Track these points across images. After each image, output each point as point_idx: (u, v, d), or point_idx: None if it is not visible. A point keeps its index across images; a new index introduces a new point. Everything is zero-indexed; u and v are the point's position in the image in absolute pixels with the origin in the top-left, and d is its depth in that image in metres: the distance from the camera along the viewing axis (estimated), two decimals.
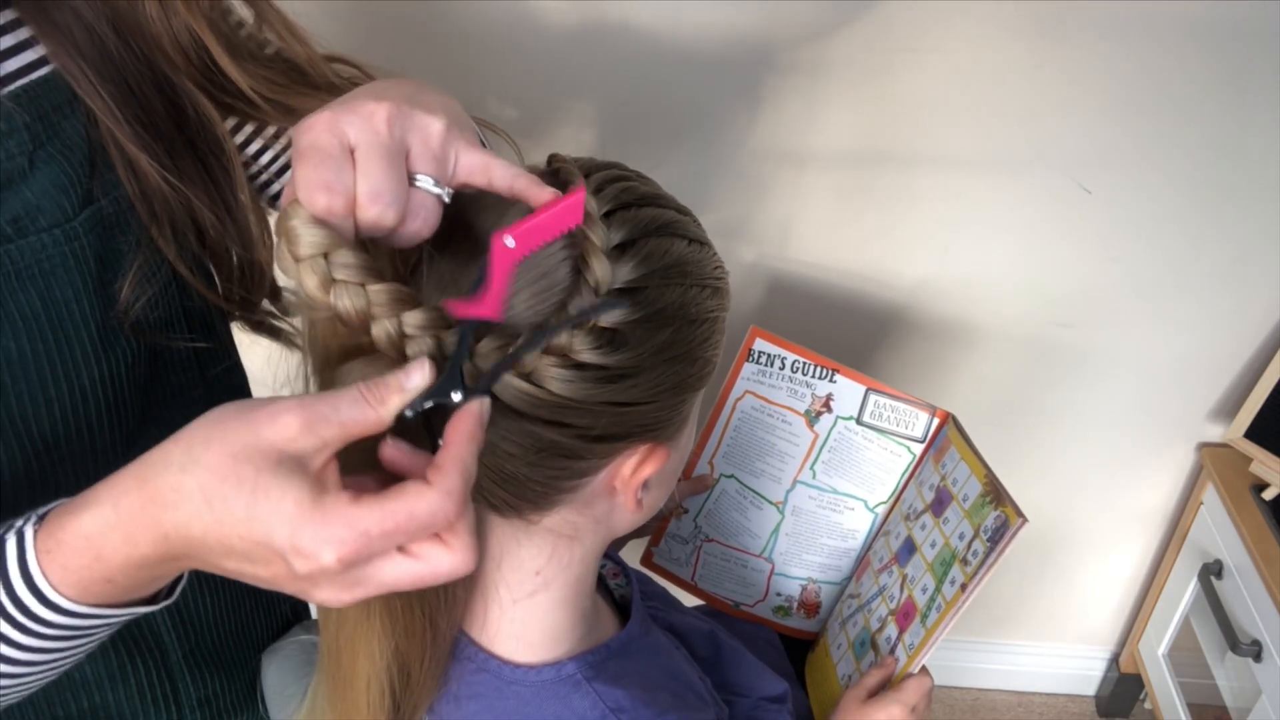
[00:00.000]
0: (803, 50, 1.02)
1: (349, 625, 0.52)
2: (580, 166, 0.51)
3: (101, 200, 0.56)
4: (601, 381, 0.47)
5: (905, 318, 1.23)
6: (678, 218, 0.51)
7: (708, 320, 0.51)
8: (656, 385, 0.49)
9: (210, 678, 0.71)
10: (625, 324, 0.47)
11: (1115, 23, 1.00)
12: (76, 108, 0.55)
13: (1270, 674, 1.15)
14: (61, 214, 0.54)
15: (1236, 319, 1.22)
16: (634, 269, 0.47)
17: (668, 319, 0.48)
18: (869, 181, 1.12)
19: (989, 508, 0.78)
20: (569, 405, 0.46)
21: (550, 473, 0.50)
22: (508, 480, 0.49)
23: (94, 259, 0.56)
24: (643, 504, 0.55)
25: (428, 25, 1.02)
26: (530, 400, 0.46)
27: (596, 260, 0.46)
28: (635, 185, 0.51)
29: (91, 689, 0.65)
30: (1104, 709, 1.61)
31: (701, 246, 0.52)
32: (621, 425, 0.49)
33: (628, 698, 0.56)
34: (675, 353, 0.49)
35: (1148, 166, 1.09)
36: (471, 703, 0.57)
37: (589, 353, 0.46)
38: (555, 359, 0.46)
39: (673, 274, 0.49)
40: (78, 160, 0.55)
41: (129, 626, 0.65)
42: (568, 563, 0.56)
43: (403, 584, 0.41)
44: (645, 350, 0.47)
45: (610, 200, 0.49)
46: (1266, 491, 1.22)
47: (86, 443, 0.58)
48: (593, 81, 1.05)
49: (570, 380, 0.46)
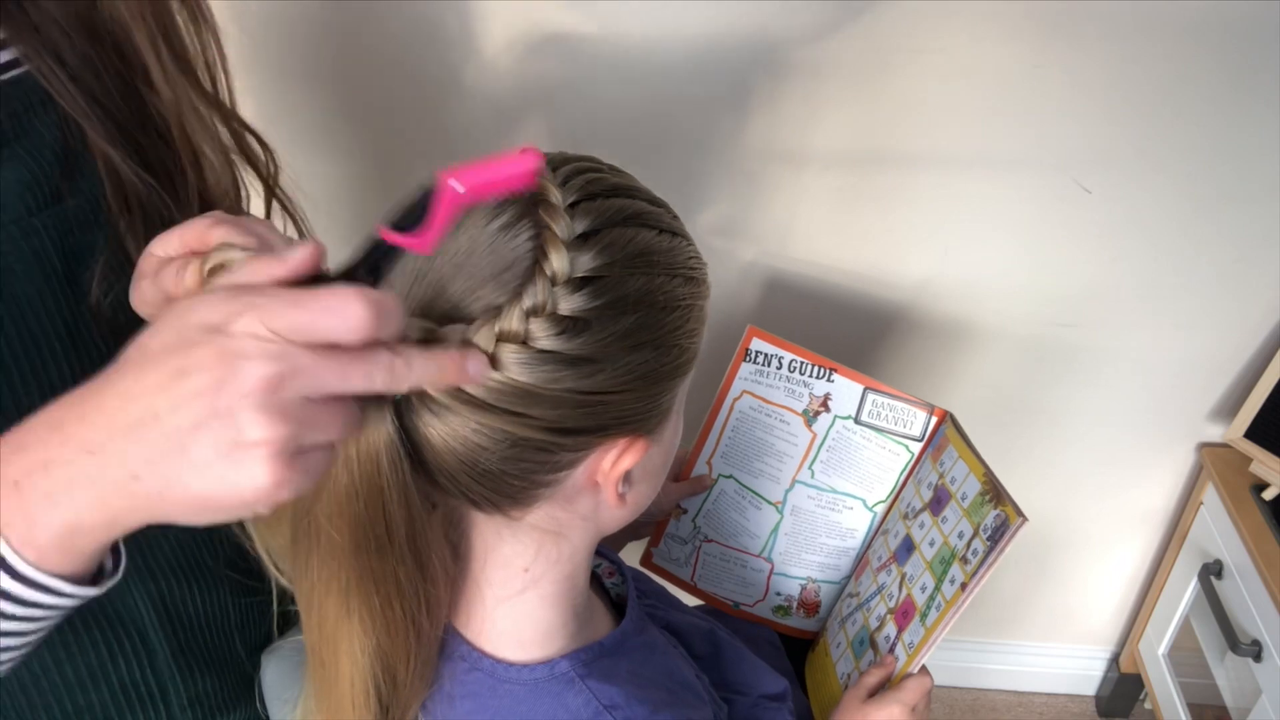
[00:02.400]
0: (802, 50, 1.02)
1: (329, 624, 0.51)
2: (552, 159, 0.51)
3: (70, 200, 0.56)
4: (562, 366, 0.46)
5: (905, 317, 1.23)
6: (647, 208, 0.51)
7: (680, 308, 0.50)
8: (626, 373, 0.49)
9: (200, 676, 0.70)
10: (586, 311, 0.47)
11: (1115, 22, 1.00)
12: (50, 108, 0.55)
13: (1270, 674, 1.15)
14: (25, 209, 0.54)
15: (1236, 319, 1.22)
16: (595, 257, 0.47)
17: (632, 305, 0.48)
18: (869, 181, 1.11)
19: (988, 506, 0.78)
20: (531, 393, 0.46)
21: (526, 467, 0.49)
22: (484, 476, 0.49)
23: (59, 257, 0.56)
24: (626, 499, 0.55)
25: (428, 25, 1.02)
26: (494, 390, 0.46)
27: (555, 251, 0.46)
28: (604, 177, 0.51)
29: (75, 690, 0.64)
30: (1104, 709, 1.61)
31: (673, 237, 0.51)
32: (593, 417, 0.49)
33: (621, 695, 0.56)
34: (642, 339, 0.49)
35: (1148, 166, 1.09)
36: (465, 702, 0.57)
37: (548, 339, 0.46)
38: (515, 346, 0.46)
39: (638, 262, 0.49)
40: (47, 159, 0.55)
41: (114, 626, 0.65)
42: (556, 559, 0.56)
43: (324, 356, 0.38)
44: (608, 336, 0.47)
45: (576, 191, 0.49)
46: (1266, 491, 1.22)
47: None
48: (593, 82, 1.05)
49: (529, 366, 0.46)
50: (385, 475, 0.47)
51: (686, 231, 0.53)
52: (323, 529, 0.48)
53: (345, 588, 0.50)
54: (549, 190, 0.48)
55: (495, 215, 0.47)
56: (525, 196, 0.48)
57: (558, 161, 0.51)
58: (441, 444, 0.48)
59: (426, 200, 0.41)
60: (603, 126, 1.08)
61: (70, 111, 0.55)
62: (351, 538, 0.48)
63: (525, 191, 0.47)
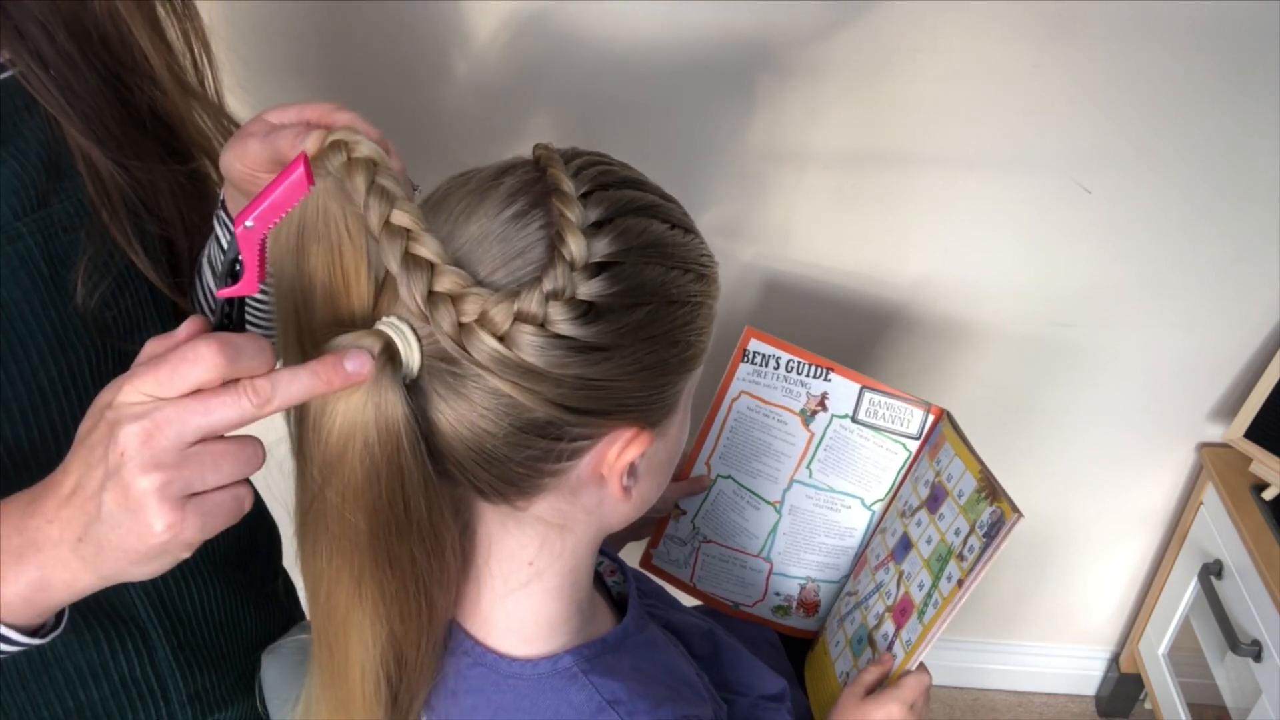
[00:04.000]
0: (802, 50, 1.02)
1: (340, 610, 0.52)
2: (564, 155, 0.51)
3: (55, 203, 0.56)
4: (574, 352, 0.47)
5: (905, 317, 1.23)
6: (659, 202, 0.51)
7: (690, 303, 0.51)
8: (634, 364, 0.49)
9: (199, 673, 0.71)
10: (602, 298, 0.47)
11: (1115, 22, 1.00)
12: (35, 111, 0.55)
13: (1270, 674, 1.15)
14: (10, 214, 0.54)
15: (1236, 319, 1.22)
16: (610, 244, 0.48)
17: (645, 296, 0.49)
18: (869, 181, 1.12)
19: (984, 503, 0.78)
20: (540, 373, 0.47)
21: (530, 453, 0.50)
22: (490, 462, 0.50)
23: (44, 260, 0.56)
24: (631, 493, 0.55)
25: (430, 24, 1.02)
26: (501, 361, 0.46)
27: (572, 235, 0.47)
28: (616, 170, 0.51)
29: (76, 687, 0.65)
30: (1104, 709, 1.61)
31: (685, 233, 0.52)
32: (598, 401, 0.49)
33: (624, 690, 0.56)
34: (653, 331, 0.49)
35: (1148, 166, 1.09)
36: (469, 697, 0.57)
37: (565, 323, 0.46)
38: (532, 327, 0.46)
39: (651, 253, 0.49)
40: (32, 163, 0.55)
41: (114, 624, 0.65)
42: (560, 553, 0.56)
43: (200, 414, 0.43)
44: (622, 326, 0.48)
45: (589, 181, 0.49)
46: (1266, 491, 1.22)
47: (52, 447, 0.58)
48: (593, 82, 1.05)
49: (543, 349, 0.46)
50: (406, 455, 0.47)
51: (697, 229, 0.54)
52: (336, 516, 0.48)
53: (358, 574, 0.50)
54: (561, 180, 0.48)
55: (507, 204, 0.48)
56: (537, 188, 0.49)
57: (570, 155, 0.51)
58: (449, 429, 0.49)
59: (235, 248, 0.47)
60: (603, 126, 1.09)
61: (50, 111, 0.55)
62: (369, 523, 0.48)
63: (554, 208, 0.48)
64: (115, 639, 0.66)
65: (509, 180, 0.49)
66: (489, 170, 0.51)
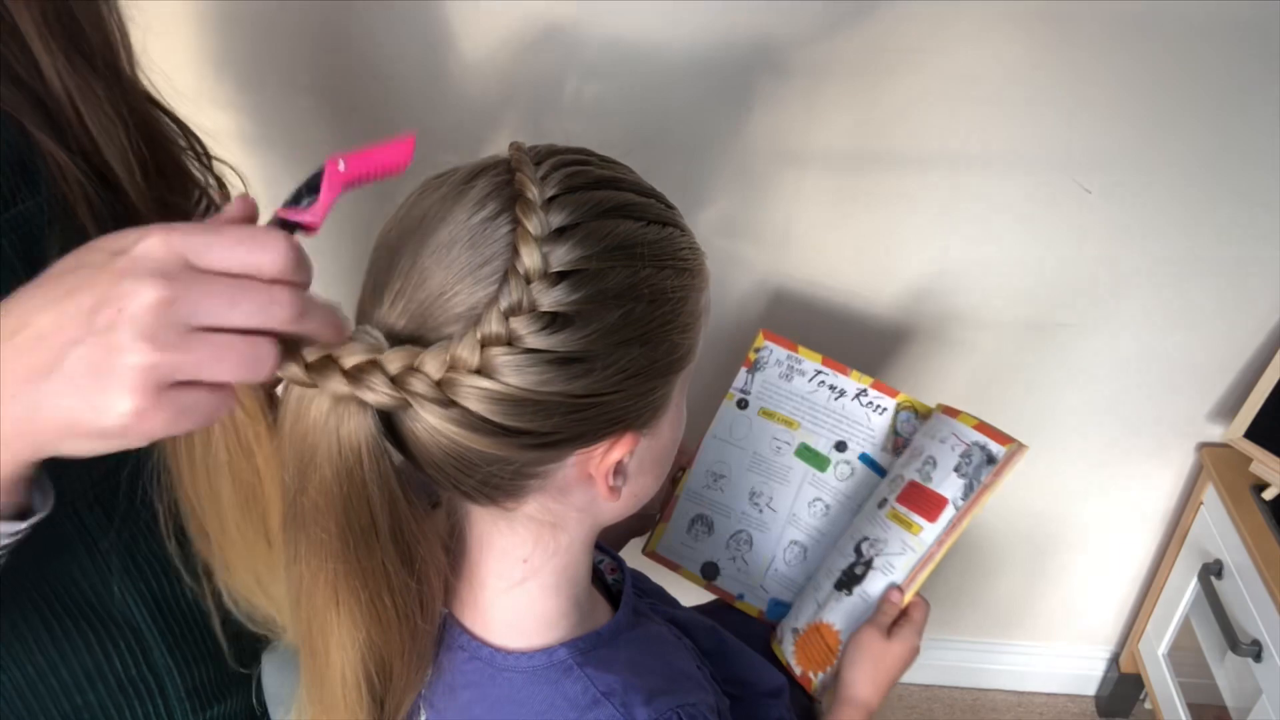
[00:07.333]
0: (803, 51, 1.03)
1: (319, 614, 0.51)
2: (539, 155, 0.50)
3: (26, 200, 0.55)
4: (552, 366, 0.46)
5: (904, 317, 1.23)
6: (633, 199, 0.50)
7: (669, 300, 0.50)
8: (617, 371, 0.48)
9: (195, 668, 0.71)
10: (568, 305, 0.46)
11: (1115, 22, 1.00)
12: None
13: (1270, 674, 1.15)
14: None
15: (1236, 319, 1.22)
16: (571, 249, 0.46)
17: (617, 299, 0.47)
18: (869, 181, 1.12)
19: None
20: (528, 399, 0.46)
21: (511, 464, 0.49)
22: (471, 469, 0.49)
23: (19, 260, 0.56)
24: (620, 492, 0.54)
25: (422, 23, 1.02)
26: (490, 397, 0.46)
27: (525, 247, 0.46)
28: (589, 170, 0.50)
29: (73, 691, 0.65)
30: (1104, 709, 1.61)
31: (663, 227, 0.50)
32: (585, 424, 0.49)
33: (619, 681, 0.56)
34: (631, 334, 0.48)
35: (1148, 166, 1.09)
36: (466, 692, 0.57)
37: (532, 336, 0.45)
38: (502, 348, 0.45)
39: (619, 255, 0.48)
40: (3, 164, 0.54)
41: (108, 625, 0.65)
42: (554, 550, 0.56)
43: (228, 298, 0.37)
44: (593, 332, 0.47)
45: (556, 185, 0.48)
46: (1266, 491, 1.22)
47: None
48: (592, 82, 1.05)
49: (519, 367, 0.46)
50: (366, 469, 0.47)
51: (681, 222, 0.53)
52: (312, 520, 0.48)
53: (333, 579, 0.50)
54: (527, 186, 0.47)
55: (478, 208, 0.47)
56: (506, 191, 0.48)
57: (544, 154, 0.50)
58: (427, 437, 0.48)
59: (317, 180, 0.43)
60: (603, 127, 1.09)
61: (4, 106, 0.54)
62: (338, 531, 0.48)
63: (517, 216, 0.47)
64: (109, 641, 0.66)
65: (480, 183, 0.48)
66: (464, 171, 0.50)
